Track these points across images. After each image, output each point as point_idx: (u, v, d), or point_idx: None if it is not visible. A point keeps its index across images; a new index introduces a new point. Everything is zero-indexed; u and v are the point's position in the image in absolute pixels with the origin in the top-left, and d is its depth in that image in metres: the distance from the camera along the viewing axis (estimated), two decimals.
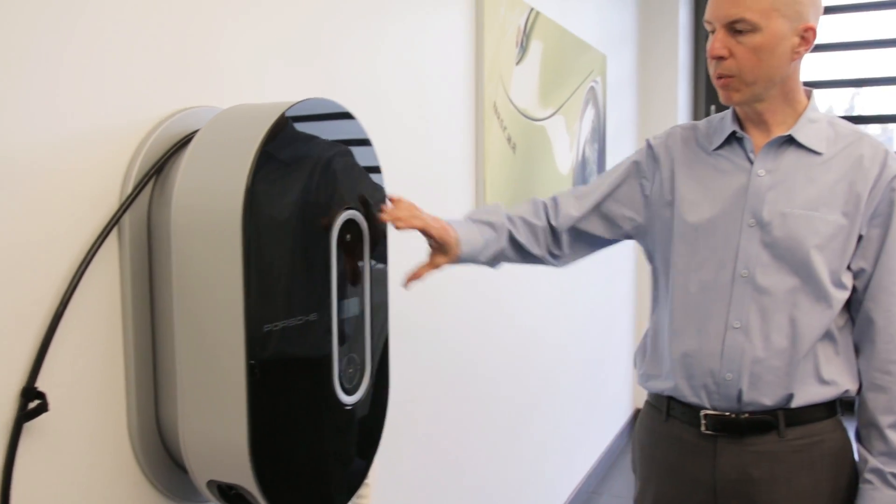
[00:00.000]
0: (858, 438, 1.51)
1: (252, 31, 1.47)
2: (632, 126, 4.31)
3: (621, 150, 3.96)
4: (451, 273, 2.28)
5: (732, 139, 1.53)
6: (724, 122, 1.55)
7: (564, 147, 3.14)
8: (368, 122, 1.83)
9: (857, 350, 1.51)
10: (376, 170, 1.39)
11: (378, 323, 1.40)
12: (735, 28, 1.41)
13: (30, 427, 1.06)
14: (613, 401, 4.13)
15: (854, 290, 1.49)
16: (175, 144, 1.24)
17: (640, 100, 4.45)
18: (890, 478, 1.46)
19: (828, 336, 1.47)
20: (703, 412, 1.51)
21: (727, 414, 1.50)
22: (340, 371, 1.29)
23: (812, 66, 5.24)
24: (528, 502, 2.99)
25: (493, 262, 1.62)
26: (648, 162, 1.63)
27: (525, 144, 2.72)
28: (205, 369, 1.15)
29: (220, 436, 1.15)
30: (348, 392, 1.31)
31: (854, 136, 1.49)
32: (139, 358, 1.22)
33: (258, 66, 1.49)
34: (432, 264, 1.49)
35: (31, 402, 1.05)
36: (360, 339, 1.35)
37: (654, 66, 4.44)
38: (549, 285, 3.13)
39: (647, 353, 1.64)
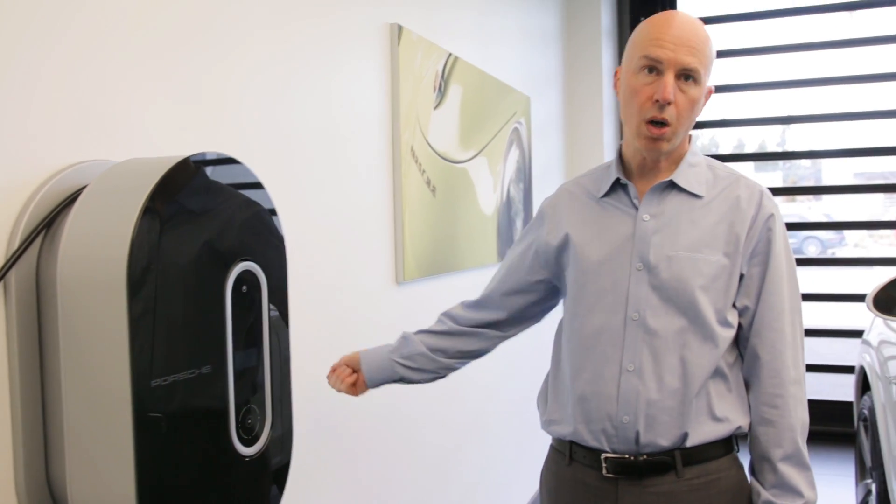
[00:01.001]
0: (752, 472, 1.55)
1: (154, 84, 1.48)
2: (559, 165, 4.39)
3: (548, 188, 4.02)
4: (371, 310, 2.29)
5: (617, 186, 1.58)
6: (609, 170, 1.61)
7: (488, 188, 3.19)
8: (280, 170, 1.85)
9: (748, 386, 1.55)
10: (272, 212, 1.39)
11: (279, 371, 1.40)
12: (686, 77, 1.46)
13: None
14: (545, 442, 4.14)
15: (740, 327, 1.54)
16: (66, 199, 1.24)
17: (566, 139, 4.53)
18: None
19: (718, 374, 1.51)
20: (603, 455, 1.53)
21: (626, 456, 1.52)
22: (238, 422, 1.29)
23: (744, 104, 5.44)
24: None
25: (439, 370, 1.84)
26: (538, 223, 1.71)
27: (446, 187, 2.75)
28: (92, 426, 1.13)
29: (108, 493, 1.13)
30: (247, 443, 1.31)
31: (731, 178, 1.56)
32: (27, 416, 1.20)
33: (159, 119, 1.49)
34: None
35: None
36: (260, 390, 1.35)
37: (579, 106, 4.54)
38: None
39: (549, 398, 1.66)
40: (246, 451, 1.30)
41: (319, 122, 2.04)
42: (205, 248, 1.22)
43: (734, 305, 1.52)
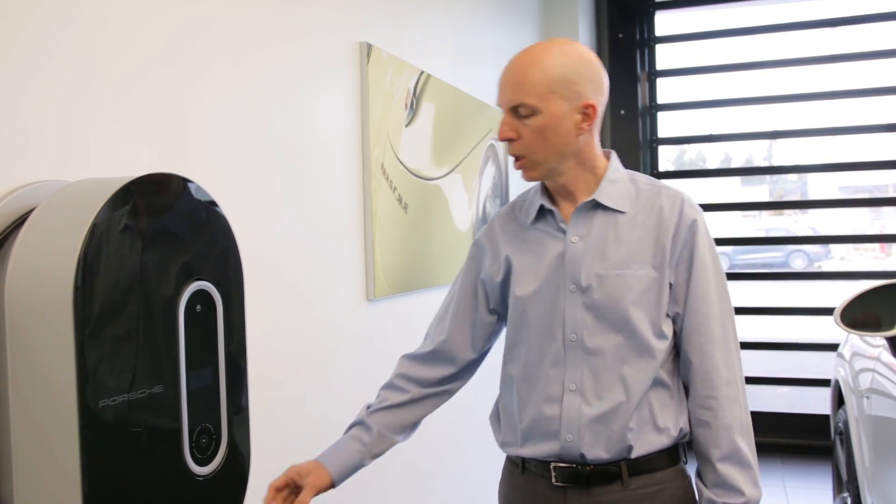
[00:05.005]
0: (697, 474, 1.58)
1: (115, 104, 1.48)
2: None
3: None
4: (341, 327, 2.29)
5: (544, 211, 1.61)
6: (536, 196, 1.63)
7: (463, 204, 3.20)
8: (247, 189, 1.85)
9: (686, 391, 1.58)
10: (228, 231, 1.39)
11: (235, 390, 1.40)
12: (518, 112, 1.51)
13: None
14: None
15: (675, 334, 1.56)
16: (17, 219, 1.24)
17: None
18: None
19: (659, 383, 1.54)
20: (552, 465, 1.56)
21: (574, 466, 1.55)
22: (192, 441, 1.28)
23: (731, 119, 5.49)
24: None
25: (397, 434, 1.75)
26: (478, 256, 1.72)
27: (418, 204, 2.76)
28: (39, 446, 1.13)
29: None
30: (201, 462, 1.31)
31: (652, 189, 1.58)
32: None
33: (119, 140, 1.50)
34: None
35: None
36: (215, 409, 1.34)
37: None
38: None
39: (501, 421, 1.68)
40: (201, 470, 1.30)
41: (288, 139, 2.04)
42: (157, 267, 1.22)
43: (668, 315, 1.55)
